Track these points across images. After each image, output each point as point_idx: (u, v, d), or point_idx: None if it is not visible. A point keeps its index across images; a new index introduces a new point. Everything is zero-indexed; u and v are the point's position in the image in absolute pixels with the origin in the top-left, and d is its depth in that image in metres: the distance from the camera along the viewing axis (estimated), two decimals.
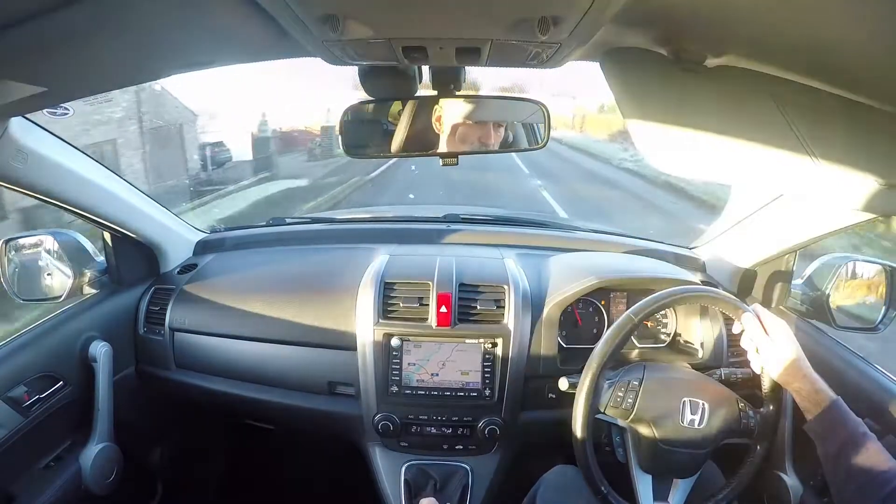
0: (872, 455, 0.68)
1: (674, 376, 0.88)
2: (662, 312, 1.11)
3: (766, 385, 0.83)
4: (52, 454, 0.96)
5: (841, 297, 1.06)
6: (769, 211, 1.10)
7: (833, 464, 0.71)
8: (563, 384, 0.92)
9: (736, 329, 0.85)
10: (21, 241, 1.05)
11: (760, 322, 0.80)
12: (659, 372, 0.88)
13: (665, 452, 0.82)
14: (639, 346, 1.10)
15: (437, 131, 0.82)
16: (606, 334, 0.85)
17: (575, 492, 0.89)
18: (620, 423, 0.86)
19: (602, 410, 0.84)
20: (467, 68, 0.78)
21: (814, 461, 0.76)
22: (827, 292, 1.05)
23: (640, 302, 0.85)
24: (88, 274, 1.09)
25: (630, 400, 0.83)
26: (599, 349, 0.84)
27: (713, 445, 0.83)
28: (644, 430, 0.84)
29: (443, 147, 0.82)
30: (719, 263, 1.26)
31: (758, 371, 0.83)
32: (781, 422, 0.86)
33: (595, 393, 0.83)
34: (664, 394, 0.84)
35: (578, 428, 0.82)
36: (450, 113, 0.82)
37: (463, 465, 1.02)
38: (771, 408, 0.84)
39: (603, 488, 0.82)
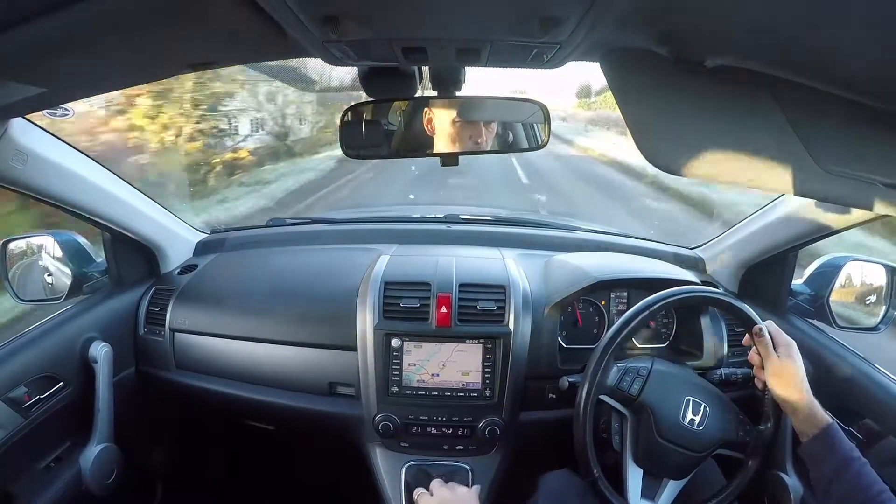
0: (865, 480, 0.69)
1: (680, 373, 0.89)
2: (663, 312, 1.11)
3: (767, 403, 0.84)
4: (52, 455, 0.96)
5: (841, 296, 1.06)
6: (769, 211, 1.10)
7: (826, 487, 0.72)
8: (564, 384, 0.92)
9: (745, 341, 0.85)
10: (21, 241, 1.05)
11: (772, 339, 0.81)
12: (666, 366, 0.88)
13: (660, 448, 0.83)
14: (639, 346, 1.10)
15: (429, 132, 0.82)
16: (622, 318, 0.86)
17: (573, 497, 0.89)
18: (622, 409, 0.86)
19: (607, 392, 0.84)
20: (467, 68, 0.78)
21: None
22: (827, 292, 1.05)
23: (658, 293, 0.86)
24: (88, 274, 1.09)
25: (637, 386, 0.84)
26: (614, 331, 0.85)
27: (707, 451, 0.84)
28: (644, 420, 0.84)
29: (439, 148, 0.82)
30: (720, 263, 1.26)
31: (760, 387, 0.83)
32: (782, 426, 0.86)
33: (603, 372, 0.83)
34: (669, 387, 0.85)
35: (581, 405, 0.83)
36: (441, 113, 0.81)
37: (463, 465, 1.02)
38: (769, 425, 0.84)
39: (595, 471, 0.83)
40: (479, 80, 0.79)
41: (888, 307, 1.04)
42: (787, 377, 0.78)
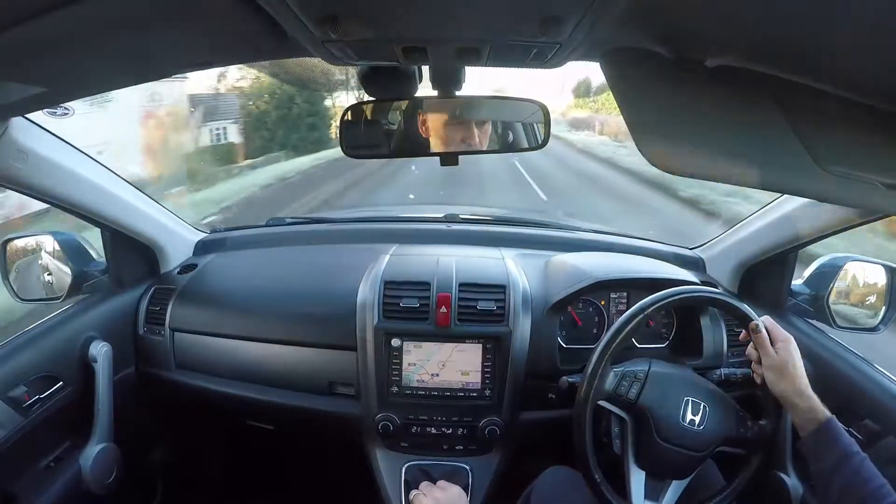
0: (865, 475, 0.69)
1: (678, 374, 0.88)
2: (663, 312, 1.11)
3: (767, 398, 0.83)
4: (52, 454, 0.96)
5: (841, 297, 1.06)
6: (769, 211, 1.10)
7: (826, 482, 0.71)
8: (564, 384, 0.92)
9: (742, 337, 0.85)
10: (21, 241, 1.05)
11: (768, 334, 0.81)
12: (664, 368, 0.88)
13: (661, 450, 0.82)
14: (638, 345, 1.10)
15: (426, 132, 0.82)
16: (616, 323, 0.85)
17: (568, 492, 0.89)
18: (621, 413, 0.86)
19: (605, 398, 0.84)
20: (468, 68, 0.78)
21: None
22: (827, 292, 1.05)
23: (651, 296, 0.85)
24: (88, 274, 1.09)
25: (634, 390, 0.83)
26: (609, 336, 0.84)
27: (709, 450, 0.83)
28: (644, 423, 0.84)
29: (439, 147, 0.82)
30: (719, 263, 1.26)
31: (758, 382, 0.83)
32: (782, 422, 0.86)
33: (600, 378, 0.83)
34: (668, 389, 0.84)
35: (580, 413, 0.82)
36: (441, 113, 0.81)
37: (463, 465, 1.02)
38: (770, 420, 0.84)
39: (597, 476, 0.83)
40: (467, 80, 0.79)
41: (888, 307, 1.04)
42: (784, 372, 0.78)
